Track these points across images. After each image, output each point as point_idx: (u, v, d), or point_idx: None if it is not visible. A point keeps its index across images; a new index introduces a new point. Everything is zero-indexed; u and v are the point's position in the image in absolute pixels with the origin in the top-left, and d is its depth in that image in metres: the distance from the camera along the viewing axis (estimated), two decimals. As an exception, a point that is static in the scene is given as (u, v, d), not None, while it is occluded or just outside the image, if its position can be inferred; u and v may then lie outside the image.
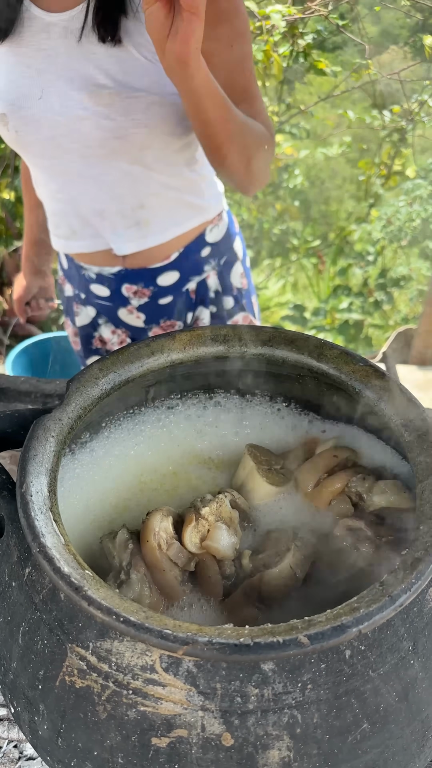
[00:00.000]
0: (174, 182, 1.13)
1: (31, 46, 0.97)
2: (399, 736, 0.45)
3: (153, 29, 0.76)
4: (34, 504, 0.48)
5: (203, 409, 0.70)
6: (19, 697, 0.49)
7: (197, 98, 0.86)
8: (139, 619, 0.41)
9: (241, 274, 1.31)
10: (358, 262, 2.69)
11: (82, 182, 1.07)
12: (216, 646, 0.39)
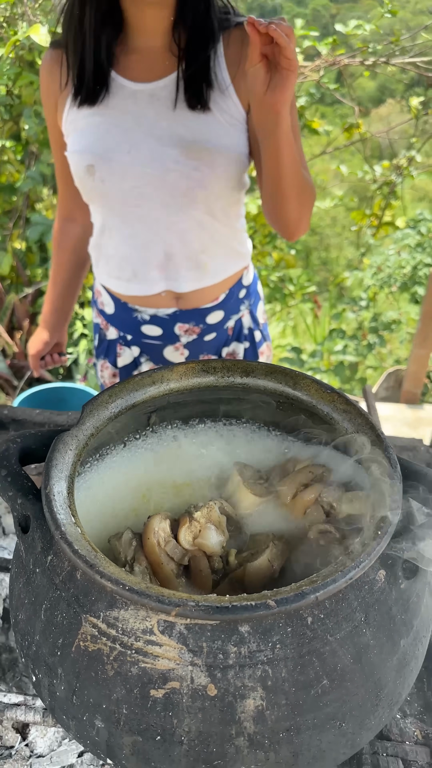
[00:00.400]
0: (228, 231, 1.29)
1: (117, 108, 1.14)
2: (354, 694, 0.54)
3: (255, 83, 0.93)
4: (56, 502, 0.59)
5: (198, 433, 0.81)
6: (41, 665, 0.58)
7: (281, 144, 1.02)
8: (141, 588, 0.51)
9: (263, 311, 1.50)
10: (352, 307, 2.83)
11: (158, 228, 1.21)
12: (202, 607, 0.50)
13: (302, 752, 0.53)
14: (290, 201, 1.11)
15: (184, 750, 0.52)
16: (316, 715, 0.53)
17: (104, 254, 1.32)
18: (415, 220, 2.85)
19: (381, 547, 0.54)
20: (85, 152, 1.15)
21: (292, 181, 1.08)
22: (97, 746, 0.56)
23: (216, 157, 1.13)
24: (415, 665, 0.60)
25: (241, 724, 0.52)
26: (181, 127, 1.12)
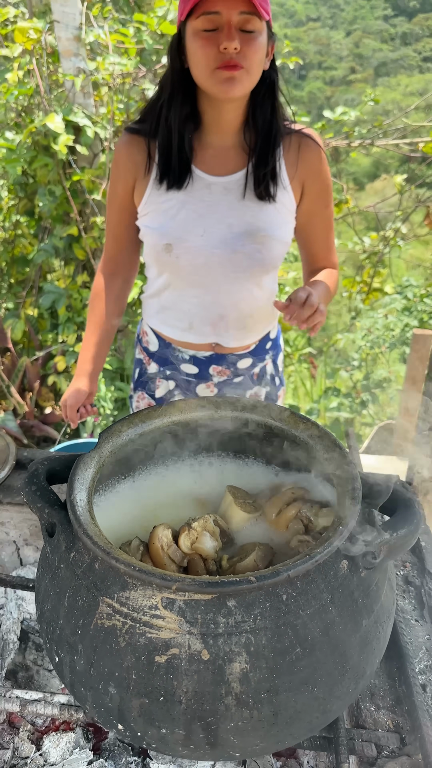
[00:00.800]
0: (268, 297, 1.50)
1: (195, 197, 1.34)
2: (324, 662, 0.66)
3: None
4: (78, 506, 0.72)
5: (197, 461, 0.94)
6: (63, 645, 0.70)
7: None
8: (148, 569, 0.64)
9: (282, 360, 1.71)
10: (345, 367, 2.99)
11: (219, 294, 1.41)
12: (197, 582, 0.62)
13: (281, 712, 0.64)
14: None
15: (183, 708, 0.64)
16: (292, 678, 0.64)
17: (163, 305, 1.51)
18: (402, 286, 3.06)
19: (341, 538, 0.67)
20: (164, 232, 1.35)
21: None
22: (110, 712, 0.67)
23: (274, 243, 1.35)
24: (377, 646, 0.71)
25: (230, 685, 0.63)
26: (249, 216, 1.33)
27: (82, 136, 3.01)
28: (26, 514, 1.20)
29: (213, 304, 1.42)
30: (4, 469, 1.21)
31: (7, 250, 3.80)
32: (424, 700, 0.83)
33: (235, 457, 0.96)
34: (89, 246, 3.16)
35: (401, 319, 2.84)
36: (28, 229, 3.79)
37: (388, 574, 0.76)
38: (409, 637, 0.92)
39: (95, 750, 0.94)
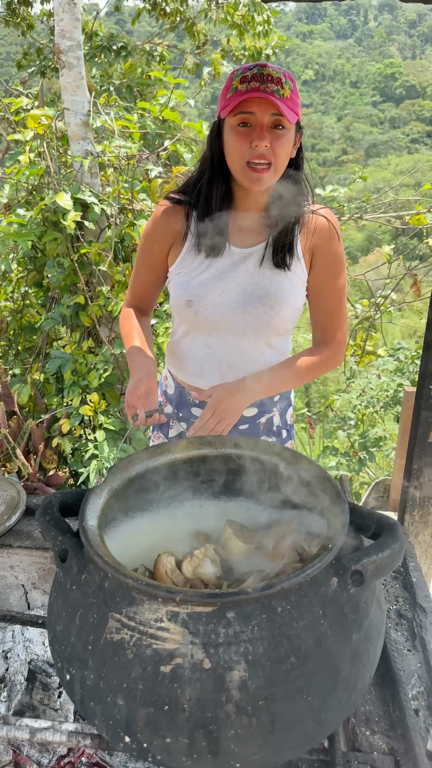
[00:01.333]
0: (278, 356, 1.61)
1: (218, 262, 1.50)
2: (317, 672, 0.71)
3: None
4: (90, 531, 0.78)
5: (198, 494, 1.01)
6: (74, 661, 0.75)
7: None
8: (154, 583, 0.70)
9: (292, 415, 1.80)
10: (342, 426, 3.07)
11: (230, 348, 1.54)
12: (199, 594, 0.68)
13: (278, 719, 0.69)
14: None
15: (186, 716, 0.68)
16: (287, 687, 0.69)
17: (181, 351, 1.64)
18: (394, 349, 3.19)
19: (329, 556, 0.74)
20: (187, 290, 1.51)
21: (296, 385, 1.54)
22: (118, 725, 0.72)
23: (284, 307, 1.48)
24: (367, 661, 0.76)
25: (230, 692, 0.68)
26: (264, 282, 1.48)
27: (90, 212, 3.20)
28: (35, 558, 1.26)
29: (223, 354, 1.55)
30: (15, 515, 1.27)
31: (15, 319, 3.95)
32: (416, 723, 0.87)
33: (234, 492, 1.02)
34: (95, 313, 3.30)
35: (394, 379, 2.95)
36: (36, 299, 3.96)
37: (377, 593, 0.81)
38: (402, 666, 0.96)
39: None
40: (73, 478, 3.82)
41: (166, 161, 3.62)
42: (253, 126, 1.38)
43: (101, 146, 3.45)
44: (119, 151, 3.30)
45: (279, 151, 1.39)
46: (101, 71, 6.14)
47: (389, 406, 2.98)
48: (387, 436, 2.93)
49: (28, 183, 3.46)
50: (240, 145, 1.39)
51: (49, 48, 6.53)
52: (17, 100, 3.64)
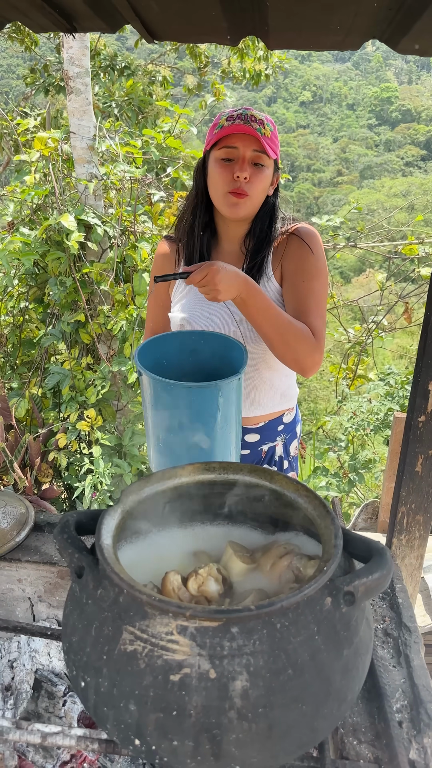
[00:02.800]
0: (278, 378, 1.70)
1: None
2: (311, 684, 0.78)
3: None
4: (105, 549, 0.86)
5: (202, 517, 1.09)
6: (89, 670, 0.82)
7: (250, 315, 1.47)
8: (165, 599, 0.77)
9: (296, 447, 1.87)
10: (333, 447, 3.15)
11: None
12: (207, 610, 0.76)
13: (275, 726, 0.76)
14: (274, 347, 1.50)
15: (192, 721, 0.75)
16: (284, 696, 0.76)
17: None
18: (385, 374, 3.29)
19: (324, 578, 0.81)
20: (178, 314, 1.67)
21: (270, 334, 1.49)
22: (129, 729, 0.79)
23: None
24: (356, 674, 0.84)
25: (232, 700, 0.75)
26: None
27: (93, 233, 3.30)
28: (42, 572, 1.32)
29: None
30: (24, 530, 1.33)
31: (14, 334, 4.02)
32: (400, 734, 0.94)
33: (236, 515, 1.10)
34: (95, 331, 3.38)
35: (384, 403, 3.04)
36: (36, 315, 4.03)
37: (366, 613, 0.89)
38: (387, 681, 1.03)
39: (102, 792, 1.03)
40: (67, 492, 3.88)
41: (168, 186, 3.72)
42: (236, 160, 1.51)
43: (104, 168, 3.55)
44: (123, 176, 3.40)
45: (257, 185, 1.52)
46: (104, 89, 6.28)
47: (379, 429, 3.07)
48: (376, 459, 3.02)
49: (32, 202, 3.56)
50: (223, 176, 1.52)
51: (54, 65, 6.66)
52: (24, 122, 3.74)
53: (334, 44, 1.64)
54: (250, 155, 1.51)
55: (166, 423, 1.35)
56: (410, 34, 1.48)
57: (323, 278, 1.61)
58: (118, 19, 1.65)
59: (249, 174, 1.50)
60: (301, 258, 1.60)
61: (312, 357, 1.52)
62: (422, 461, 1.26)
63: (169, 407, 1.33)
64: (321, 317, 1.58)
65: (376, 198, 33.29)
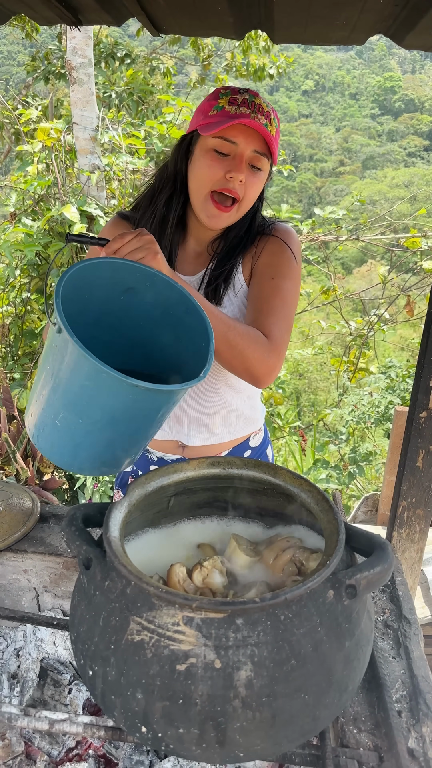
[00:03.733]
0: (240, 398, 1.50)
1: None
2: (313, 674, 0.80)
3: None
4: (113, 542, 0.87)
5: (206, 510, 1.10)
6: (97, 659, 0.84)
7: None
8: (172, 591, 0.79)
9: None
10: (333, 440, 3.17)
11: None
12: (213, 602, 0.78)
13: (278, 715, 0.78)
14: (219, 353, 1.24)
15: (198, 710, 0.77)
16: (287, 686, 0.78)
17: None
18: (386, 366, 3.30)
19: (327, 572, 0.83)
20: None
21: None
22: (136, 716, 0.81)
23: None
24: (357, 665, 0.86)
25: (237, 689, 0.77)
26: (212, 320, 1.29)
27: (95, 224, 3.30)
28: (48, 563, 1.34)
29: None
30: (30, 521, 1.35)
31: (16, 324, 4.03)
32: (399, 723, 0.96)
33: (239, 509, 1.12)
34: (97, 323, 3.40)
35: (385, 397, 3.06)
36: (37, 305, 4.04)
37: (367, 606, 0.91)
38: (387, 671, 1.05)
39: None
40: (69, 482, 3.90)
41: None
42: (232, 156, 1.27)
43: (107, 158, 3.55)
44: (126, 167, 3.40)
45: (250, 190, 1.30)
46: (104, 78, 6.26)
47: (380, 422, 3.09)
48: (377, 452, 3.04)
49: (35, 193, 3.56)
50: (212, 172, 1.27)
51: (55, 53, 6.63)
52: (27, 112, 3.73)
53: (339, 39, 1.65)
54: (250, 155, 1.28)
55: (79, 405, 0.96)
56: (416, 30, 1.49)
57: (295, 281, 1.39)
58: (123, 13, 1.65)
59: (245, 177, 1.27)
60: (274, 254, 1.39)
61: (266, 363, 1.26)
62: (423, 456, 1.28)
63: (89, 390, 0.94)
64: (284, 320, 1.33)
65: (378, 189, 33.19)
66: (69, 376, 0.94)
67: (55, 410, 0.99)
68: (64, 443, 1.02)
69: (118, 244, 1.05)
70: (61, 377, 0.95)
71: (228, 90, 1.30)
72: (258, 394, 1.60)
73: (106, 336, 1.08)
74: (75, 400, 0.95)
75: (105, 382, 0.90)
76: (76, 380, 0.93)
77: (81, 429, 0.98)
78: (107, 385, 0.91)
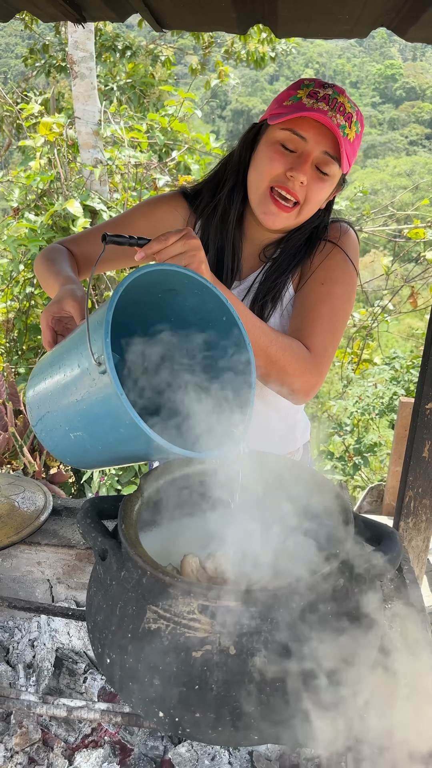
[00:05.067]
0: (279, 416, 1.43)
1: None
2: (324, 657, 0.82)
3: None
4: (128, 533, 0.90)
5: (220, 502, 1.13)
6: (114, 647, 0.86)
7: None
8: (189, 581, 0.81)
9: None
10: (338, 431, 3.20)
11: None
12: (227, 591, 0.80)
13: (291, 700, 0.81)
14: (263, 365, 1.18)
15: (214, 695, 0.80)
16: (297, 664, 0.81)
17: None
18: (390, 358, 3.32)
19: (337, 561, 0.85)
20: None
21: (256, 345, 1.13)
22: (153, 702, 0.83)
23: None
24: (368, 651, 0.88)
25: (251, 675, 0.80)
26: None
27: (98, 219, 3.31)
28: (61, 555, 1.37)
29: None
30: (44, 515, 1.38)
31: (21, 319, 4.05)
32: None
33: (253, 500, 1.14)
34: (101, 317, 3.41)
35: (389, 388, 3.08)
36: (41, 300, 4.06)
37: (376, 593, 0.93)
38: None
39: (122, 765, 1.08)
40: (75, 476, 3.93)
41: (173, 170, 3.73)
42: (298, 154, 1.18)
43: (109, 152, 3.55)
44: (128, 161, 3.41)
45: (313, 195, 1.19)
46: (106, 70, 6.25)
47: (384, 413, 3.11)
48: (381, 443, 3.06)
49: (37, 188, 3.57)
50: (272, 165, 1.19)
51: (54, 46, 6.61)
52: (28, 106, 3.74)
53: (342, 33, 1.65)
54: (318, 156, 1.18)
55: (105, 440, 0.94)
56: (419, 23, 1.49)
57: (348, 286, 1.28)
58: (127, 9, 1.65)
59: (308, 179, 1.17)
60: (327, 256, 1.28)
61: (305, 380, 1.19)
62: (429, 447, 1.30)
63: (121, 435, 0.89)
64: (330, 332, 1.23)
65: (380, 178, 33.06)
66: (102, 414, 0.89)
67: (71, 425, 0.96)
68: (74, 450, 1.00)
69: (161, 246, 0.98)
70: (92, 410, 0.90)
71: (312, 82, 1.21)
72: (299, 411, 1.49)
73: (123, 317, 0.96)
74: (102, 436, 0.92)
75: (142, 439, 0.86)
76: (108, 422, 0.89)
77: (95, 449, 0.96)
78: (144, 440, 0.86)
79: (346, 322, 1.30)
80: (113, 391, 0.83)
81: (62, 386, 0.95)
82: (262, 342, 1.12)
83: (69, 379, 0.94)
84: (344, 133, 1.16)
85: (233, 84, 5.18)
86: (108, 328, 0.85)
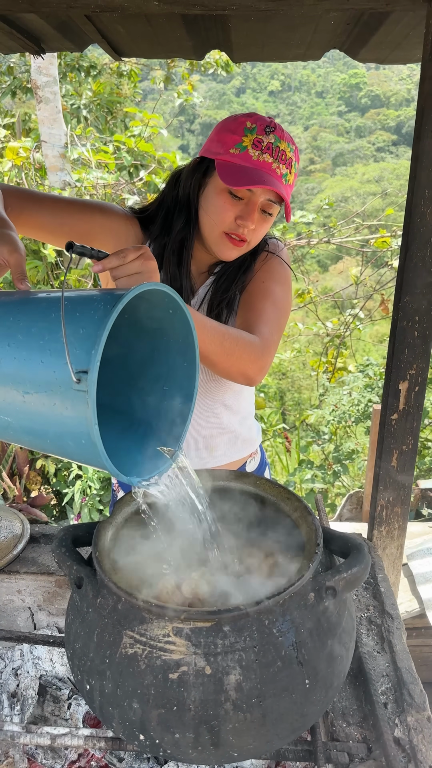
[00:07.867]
0: (236, 420, 1.49)
1: None
2: (299, 673, 0.85)
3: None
4: (102, 560, 0.91)
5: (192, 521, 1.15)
6: (93, 673, 0.88)
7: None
8: (161, 604, 0.83)
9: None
10: (316, 440, 3.23)
11: None
12: (200, 612, 0.82)
13: (268, 714, 0.83)
14: (218, 363, 1.23)
15: (192, 715, 0.81)
16: (275, 686, 0.83)
17: None
18: (363, 365, 3.37)
19: (307, 576, 0.88)
20: None
21: (210, 347, 1.17)
22: (133, 725, 0.85)
23: None
24: (341, 662, 0.90)
25: (228, 693, 0.82)
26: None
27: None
28: (40, 582, 1.37)
29: None
30: (21, 543, 1.38)
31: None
32: (385, 715, 1.01)
33: (226, 519, 1.16)
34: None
35: (364, 395, 3.13)
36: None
37: (348, 604, 0.96)
38: (372, 666, 1.10)
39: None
40: (57, 498, 3.92)
41: (141, 189, 3.76)
42: (246, 201, 1.28)
43: (77, 173, 3.58)
44: (96, 182, 3.43)
45: (260, 233, 1.33)
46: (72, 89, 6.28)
47: (360, 420, 3.15)
48: (359, 450, 3.10)
49: (7, 212, 3.56)
50: (224, 215, 1.29)
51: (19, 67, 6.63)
52: (-6, 132, 3.75)
53: (297, 56, 1.70)
54: (263, 203, 1.28)
55: (42, 438, 0.88)
56: (368, 46, 1.55)
57: (287, 288, 1.42)
58: (85, 40, 1.69)
59: (255, 224, 1.29)
60: (267, 262, 1.44)
61: (258, 363, 1.28)
62: (397, 456, 1.33)
63: (67, 446, 0.85)
64: (274, 321, 1.34)
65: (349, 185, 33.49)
66: (54, 422, 0.82)
67: (1, 409, 0.87)
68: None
69: (119, 262, 0.98)
70: (43, 413, 0.83)
71: (254, 124, 1.26)
72: (252, 414, 1.59)
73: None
74: (39, 434, 0.86)
75: (89, 449, 0.80)
76: (58, 431, 0.84)
77: (16, 435, 0.90)
78: (88, 448, 0.80)
79: (287, 314, 1.43)
80: (84, 415, 0.76)
81: (11, 370, 0.85)
82: (216, 338, 1.17)
83: (26, 370, 0.83)
84: (286, 181, 1.27)
85: (198, 102, 5.23)
86: (100, 351, 0.76)
